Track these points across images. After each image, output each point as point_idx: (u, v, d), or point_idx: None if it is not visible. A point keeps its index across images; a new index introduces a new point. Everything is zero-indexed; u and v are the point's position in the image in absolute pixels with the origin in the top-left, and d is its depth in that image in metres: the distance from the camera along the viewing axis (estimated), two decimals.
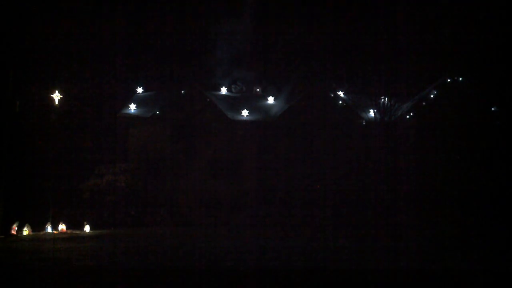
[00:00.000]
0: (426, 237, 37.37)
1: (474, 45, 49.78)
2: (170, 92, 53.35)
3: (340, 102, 51.63)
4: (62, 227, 42.45)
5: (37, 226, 41.40)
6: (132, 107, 52.14)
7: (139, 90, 55.39)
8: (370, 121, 49.88)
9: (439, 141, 48.20)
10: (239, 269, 24.30)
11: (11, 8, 43.78)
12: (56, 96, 44.42)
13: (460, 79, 50.76)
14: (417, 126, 49.48)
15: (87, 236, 39.87)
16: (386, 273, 23.29)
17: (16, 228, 39.65)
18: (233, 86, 55.37)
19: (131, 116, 51.84)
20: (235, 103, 52.45)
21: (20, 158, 44.92)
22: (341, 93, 52.49)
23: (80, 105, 50.59)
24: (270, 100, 52.97)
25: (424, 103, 51.00)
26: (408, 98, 50.36)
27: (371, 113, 49.81)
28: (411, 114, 50.59)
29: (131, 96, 54.46)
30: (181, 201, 49.08)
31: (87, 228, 43.16)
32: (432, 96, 51.22)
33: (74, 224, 43.44)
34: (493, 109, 50.04)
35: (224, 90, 54.68)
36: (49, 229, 41.53)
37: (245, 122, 50.50)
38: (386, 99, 48.20)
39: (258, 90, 55.12)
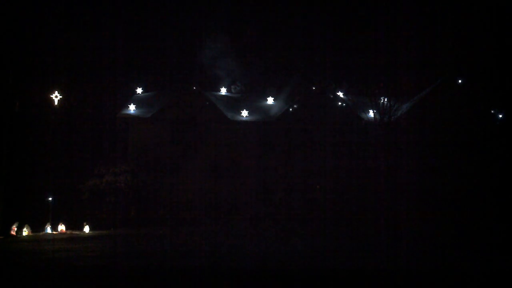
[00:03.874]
0: (426, 237, 37.34)
1: (474, 45, 49.84)
2: (170, 92, 53.34)
3: (340, 102, 51.60)
4: (61, 227, 42.44)
5: (37, 227, 41.37)
6: (132, 107, 52.11)
7: (139, 90, 55.36)
8: (369, 121, 49.85)
9: (438, 141, 48.18)
10: (239, 269, 24.28)
11: (12, 9, 43.83)
12: (56, 96, 44.40)
13: (460, 80, 50.74)
14: (416, 126, 49.42)
15: (87, 237, 39.84)
16: (386, 273, 23.28)
17: (15, 229, 39.61)
18: (232, 86, 55.34)
19: (131, 117, 51.83)
20: (235, 103, 52.45)
21: (20, 158, 44.91)
22: (340, 94, 52.49)
23: (80, 105, 50.60)
24: (270, 100, 52.96)
25: (424, 103, 50.92)
26: (408, 98, 50.31)
27: (371, 113, 49.76)
28: (411, 114, 50.52)
29: (131, 97, 54.44)
30: (181, 201, 49.05)
31: (86, 229, 43.12)
32: (431, 96, 51.15)
33: (74, 224, 43.41)
34: (492, 111, 50.01)
35: (224, 91, 54.68)
36: (48, 229, 41.52)
37: (245, 122, 50.49)
38: (386, 100, 48.15)
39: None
